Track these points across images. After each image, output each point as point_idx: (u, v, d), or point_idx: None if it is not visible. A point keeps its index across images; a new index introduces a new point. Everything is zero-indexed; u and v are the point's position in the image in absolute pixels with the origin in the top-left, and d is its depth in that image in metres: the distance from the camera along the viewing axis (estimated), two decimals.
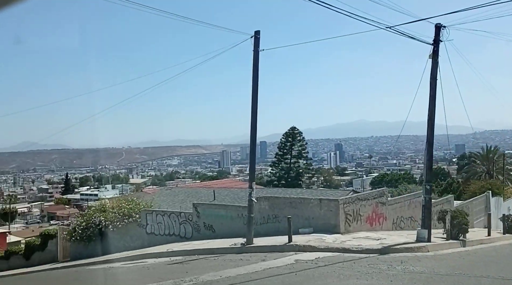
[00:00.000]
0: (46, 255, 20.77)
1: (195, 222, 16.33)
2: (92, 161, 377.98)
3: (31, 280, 13.24)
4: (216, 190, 22.88)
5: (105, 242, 18.71)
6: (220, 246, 12.74)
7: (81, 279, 10.83)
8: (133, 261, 13.10)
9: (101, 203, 19.97)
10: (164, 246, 15.22)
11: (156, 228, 17.39)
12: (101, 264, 14.44)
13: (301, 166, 50.73)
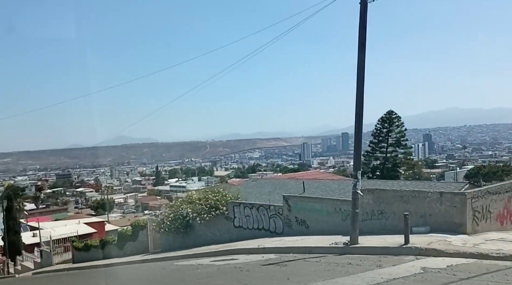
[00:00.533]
0: (138, 245, 20.94)
1: (286, 216, 14.94)
2: (179, 154, 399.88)
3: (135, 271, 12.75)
4: (305, 181, 21.28)
5: (192, 234, 18.22)
6: (317, 244, 11.15)
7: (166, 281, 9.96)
8: (222, 257, 12.08)
9: (187, 194, 19.49)
10: (254, 241, 14.06)
11: (244, 222, 16.34)
12: (189, 258, 13.70)
13: (399, 156, 45.34)
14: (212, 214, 17.08)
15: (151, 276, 10.06)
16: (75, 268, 20.50)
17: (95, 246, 23.84)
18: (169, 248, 18.86)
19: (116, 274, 10.99)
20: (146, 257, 17.05)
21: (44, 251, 28.88)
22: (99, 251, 23.61)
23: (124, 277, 10.99)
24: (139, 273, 10.90)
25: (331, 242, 11.01)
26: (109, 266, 17.55)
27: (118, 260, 19.29)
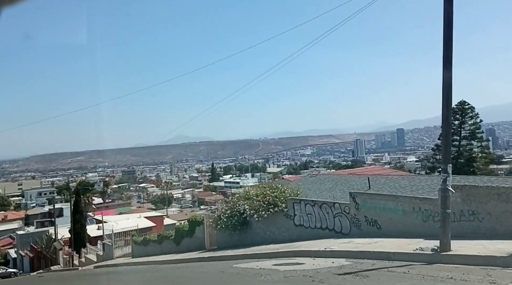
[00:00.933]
0: (194, 241, 20.39)
1: (354, 215, 13.43)
2: (233, 151, 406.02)
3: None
4: (370, 177, 19.49)
5: (250, 232, 17.25)
6: (397, 249, 9.59)
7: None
8: (285, 261, 10.89)
9: (244, 190, 18.51)
10: (318, 243, 12.72)
11: (306, 220, 15.03)
12: (248, 259, 12.66)
13: (474, 150, 40.99)
14: (270, 211, 15.95)
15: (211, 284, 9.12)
16: (133, 263, 20.36)
17: (153, 241, 23.71)
18: (226, 245, 18.06)
19: (171, 276, 10.21)
20: (203, 255, 16.30)
21: (106, 244, 29.48)
22: (157, 245, 23.45)
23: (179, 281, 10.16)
24: (196, 275, 10.02)
25: (414, 247, 9.41)
26: (166, 263, 17.04)
27: (175, 256, 18.81)
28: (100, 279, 11.89)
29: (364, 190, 16.32)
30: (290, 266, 9.69)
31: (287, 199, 15.88)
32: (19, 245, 50.95)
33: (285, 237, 15.74)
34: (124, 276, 11.29)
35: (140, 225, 37.12)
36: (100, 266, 24.57)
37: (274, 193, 16.38)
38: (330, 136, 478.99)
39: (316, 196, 18.41)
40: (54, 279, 15.13)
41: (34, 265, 43.41)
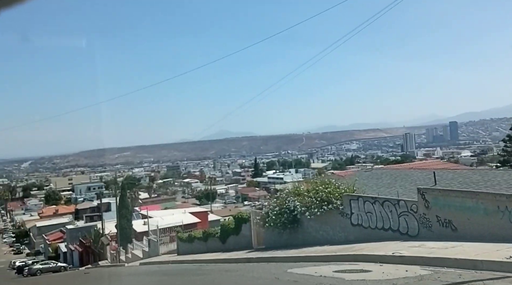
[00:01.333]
0: (241, 239, 19.38)
1: (423, 214, 11.76)
2: (276, 146, 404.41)
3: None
4: (431, 171, 17.54)
5: (301, 231, 15.94)
6: (484, 257, 7.97)
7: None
8: (347, 267, 9.51)
9: (294, 185, 17.20)
10: (382, 245, 11.21)
11: (365, 219, 13.50)
12: (303, 263, 11.37)
13: None
14: (324, 208, 14.56)
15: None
16: (179, 261, 19.66)
17: (198, 238, 23.00)
18: (274, 245, 16.87)
19: (220, 282, 9.16)
20: (251, 255, 15.21)
21: (151, 241, 29.24)
22: (202, 243, 22.70)
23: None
24: (247, 281, 8.88)
25: (506, 254, 7.74)
26: (213, 262, 16.12)
27: (221, 255, 17.89)
28: (145, 282, 11.06)
29: (430, 186, 14.51)
30: (355, 274, 8.31)
31: (342, 195, 14.42)
32: (69, 239, 52.47)
33: (341, 237, 14.30)
34: (170, 279, 10.35)
35: (185, 220, 36.81)
36: (146, 263, 24.21)
37: (328, 189, 14.96)
38: (377, 130, 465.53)
39: (373, 192, 16.75)
40: (98, 277, 14.56)
41: (83, 259, 44.45)
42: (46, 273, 36.79)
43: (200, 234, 23.07)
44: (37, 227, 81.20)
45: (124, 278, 12.16)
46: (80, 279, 15.28)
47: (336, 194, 14.63)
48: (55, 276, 26.49)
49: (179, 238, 25.46)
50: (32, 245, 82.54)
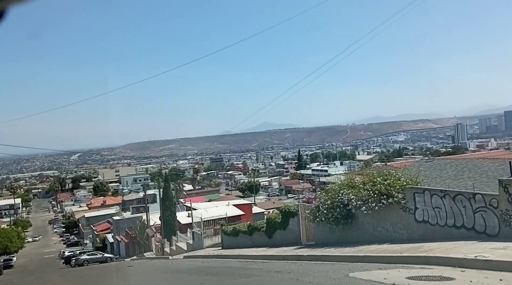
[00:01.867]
0: (288, 234, 18.19)
1: (505, 210, 9.97)
2: (319, 138, 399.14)
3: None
4: (504, 162, 15.40)
5: (355, 227, 14.47)
6: None
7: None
8: (416, 269, 8.05)
9: (347, 177, 15.70)
10: (456, 246, 9.56)
11: (432, 215, 11.82)
12: (361, 263, 9.99)
13: None
14: (382, 202, 13.00)
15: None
16: (223, 256, 18.79)
17: (243, 232, 22.06)
18: (325, 241, 15.53)
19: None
20: (301, 252, 13.96)
21: (195, 233, 28.71)
22: (247, 237, 21.73)
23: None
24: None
25: None
26: (259, 258, 15.06)
27: (267, 251, 16.79)
28: (187, 281, 10.12)
29: (508, 177, 12.53)
30: (435, 283, 6.83)
31: (405, 188, 12.77)
32: (115, 230, 53.57)
33: (403, 235, 12.70)
34: (213, 281, 9.33)
35: (229, 213, 36.14)
36: (190, 256, 23.64)
37: (387, 181, 13.35)
38: (426, 121, 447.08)
39: (438, 185, 14.96)
40: (138, 273, 13.87)
41: (129, 250, 45.09)
42: (92, 264, 37.51)
43: (245, 227, 22.11)
44: (85, 218, 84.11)
45: (164, 277, 11.29)
46: (121, 274, 14.70)
47: (397, 187, 13.02)
48: (100, 267, 26.63)
49: (224, 231, 24.68)
50: (81, 235, 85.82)
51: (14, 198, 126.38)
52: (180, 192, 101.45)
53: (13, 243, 51.02)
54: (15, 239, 52.26)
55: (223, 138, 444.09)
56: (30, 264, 55.60)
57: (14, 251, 54.59)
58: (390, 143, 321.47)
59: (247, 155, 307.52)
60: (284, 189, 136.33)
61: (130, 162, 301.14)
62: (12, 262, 54.75)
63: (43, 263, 53.13)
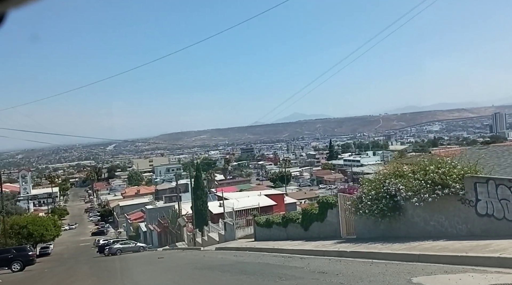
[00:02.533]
0: (325, 227, 16.94)
1: None
2: (351, 128, 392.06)
3: None
4: None
5: (403, 221, 13.04)
6: None
7: None
8: (489, 272, 6.67)
9: (394, 165, 14.23)
10: None
11: (498, 208, 10.26)
12: (415, 263, 8.64)
13: None
14: (437, 193, 11.51)
15: None
16: (257, 249, 17.77)
17: (277, 223, 20.98)
18: (367, 235, 14.20)
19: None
20: (342, 248, 12.69)
21: (227, 224, 27.94)
22: (282, 229, 20.64)
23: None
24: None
25: None
26: (297, 253, 13.93)
27: (304, 245, 15.62)
28: (218, 281, 9.11)
29: None
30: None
31: (464, 177, 11.22)
32: (148, 219, 53.86)
33: (461, 231, 11.19)
34: (248, 281, 8.26)
35: (261, 203, 35.28)
36: (222, 248, 22.82)
37: (441, 169, 11.83)
38: (462, 110, 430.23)
39: (497, 174, 13.27)
40: (169, 268, 13.02)
41: (162, 239, 45.11)
42: (126, 253, 37.55)
43: (279, 218, 21.01)
44: (120, 207, 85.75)
45: (194, 274, 10.32)
46: (150, 268, 13.93)
47: (453, 176, 11.47)
48: (131, 258, 26.36)
49: (256, 222, 23.72)
50: (116, 224, 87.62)
51: (52, 187, 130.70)
52: (212, 181, 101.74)
53: (49, 231, 52.10)
54: (51, 227, 53.37)
55: (254, 129, 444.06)
56: (66, 252, 56.96)
57: (50, 239, 55.88)
58: (424, 132, 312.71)
59: (278, 146, 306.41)
60: (316, 179, 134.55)
61: (163, 152, 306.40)
62: (49, 249, 56.23)
63: (78, 252, 54.24)
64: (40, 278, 15.01)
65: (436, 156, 19.56)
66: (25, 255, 27.28)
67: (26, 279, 15.45)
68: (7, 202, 77.93)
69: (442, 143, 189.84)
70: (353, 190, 16.36)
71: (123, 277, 11.78)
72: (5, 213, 49.77)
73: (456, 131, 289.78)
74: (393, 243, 11.77)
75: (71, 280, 12.01)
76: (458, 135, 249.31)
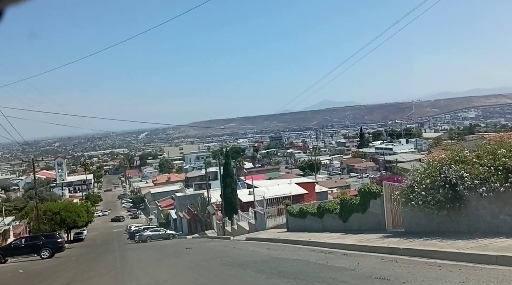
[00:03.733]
0: (367, 219, 15.27)
1: None
2: (381, 116, 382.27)
3: None
4: None
5: (465, 213, 11.20)
6: None
7: None
8: None
9: (454, 149, 12.33)
10: None
11: None
12: (496, 267, 6.91)
13: None
14: (510, 181, 9.65)
15: None
16: (291, 241, 16.34)
17: (312, 213, 19.44)
18: (418, 229, 12.46)
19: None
20: (392, 244, 11.01)
21: (258, 213, 26.65)
22: (317, 219, 19.09)
23: None
24: None
25: None
26: (338, 248, 12.38)
27: (344, 238, 14.02)
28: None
29: None
30: None
31: None
32: (178, 207, 53.52)
33: None
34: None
35: (292, 192, 33.75)
36: (253, 238, 21.55)
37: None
38: (500, 95, 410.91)
39: None
40: (196, 264, 11.76)
41: (191, 227, 44.51)
42: (155, 241, 37.18)
43: (315, 208, 19.46)
44: (151, 194, 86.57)
45: (223, 274, 8.96)
46: (175, 261, 12.74)
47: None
48: (159, 246, 25.59)
49: (289, 212, 22.27)
50: (147, 210, 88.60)
51: (86, 174, 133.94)
52: (241, 169, 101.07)
53: (81, 217, 52.69)
54: (83, 213, 53.99)
55: (282, 117, 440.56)
56: (99, 238, 57.73)
57: (82, 225, 56.63)
58: (459, 119, 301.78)
59: (306, 133, 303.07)
60: (346, 168, 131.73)
61: (193, 140, 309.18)
62: (83, 235, 57.15)
63: (110, 238, 54.78)
64: (60, 270, 14.20)
65: (487, 140, 17.40)
66: (54, 242, 27.04)
67: (44, 271, 14.68)
68: (42, 188, 79.91)
69: (478, 130, 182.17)
70: (401, 179, 14.54)
71: (143, 272, 10.65)
72: (38, 199, 50.50)
73: (493, 118, 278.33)
74: (455, 240, 10.01)
75: (88, 275, 10.99)
76: (495, 122, 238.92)
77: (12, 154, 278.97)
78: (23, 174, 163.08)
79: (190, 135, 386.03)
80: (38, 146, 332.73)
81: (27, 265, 19.98)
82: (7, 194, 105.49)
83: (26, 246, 26.64)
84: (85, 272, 11.95)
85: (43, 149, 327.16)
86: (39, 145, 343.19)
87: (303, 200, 36.88)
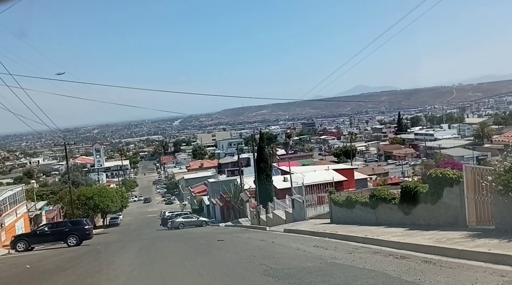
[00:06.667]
0: (439, 211, 12.38)
1: None
2: (420, 101, 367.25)
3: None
4: None
5: None
6: None
7: None
8: None
9: None
10: None
11: None
12: None
13: None
14: None
15: None
16: (341, 237, 13.69)
17: (362, 203, 16.70)
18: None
19: None
20: (494, 248, 8.09)
21: (296, 201, 24.10)
22: (369, 210, 16.33)
23: None
24: None
25: None
26: (406, 248, 9.68)
27: (412, 236, 11.23)
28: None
29: None
30: None
31: None
32: (211, 193, 51.97)
33: None
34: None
35: (329, 178, 30.95)
36: (292, 230, 19.07)
37: None
38: None
39: None
40: (226, 266, 9.42)
41: (224, 214, 42.74)
42: (188, 228, 35.71)
43: (365, 197, 16.70)
44: (185, 179, 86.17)
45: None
46: (204, 261, 10.45)
47: None
48: (191, 236, 23.86)
49: (333, 201, 19.59)
50: (181, 196, 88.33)
51: (122, 160, 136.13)
52: (273, 156, 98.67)
53: (114, 202, 52.11)
54: (116, 198, 53.42)
55: (314, 103, 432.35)
56: (134, 223, 57.40)
57: (116, 211, 56.23)
58: (505, 104, 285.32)
59: (340, 120, 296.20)
60: (383, 154, 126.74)
61: (225, 127, 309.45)
62: (118, 220, 56.93)
63: (145, 223, 54.26)
64: (71, 267, 12.41)
65: None
66: (81, 229, 25.68)
67: (52, 267, 12.93)
68: (77, 173, 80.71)
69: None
70: (460, 164, 11.52)
71: (163, 276, 8.47)
72: (72, 184, 50.16)
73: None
74: None
75: (92, 281, 8.91)
76: None
77: (54, 141, 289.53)
78: (63, 159, 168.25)
79: (222, 122, 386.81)
80: (78, 133, 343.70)
81: (47, 255, 18.54)
82: (47, 179, 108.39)
83: (52, 233, 25.42)
84: (93, 274, 9.92)
85: (82, 135, 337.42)
86: (79, 131, 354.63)
87: (341, 187, 34.06)
